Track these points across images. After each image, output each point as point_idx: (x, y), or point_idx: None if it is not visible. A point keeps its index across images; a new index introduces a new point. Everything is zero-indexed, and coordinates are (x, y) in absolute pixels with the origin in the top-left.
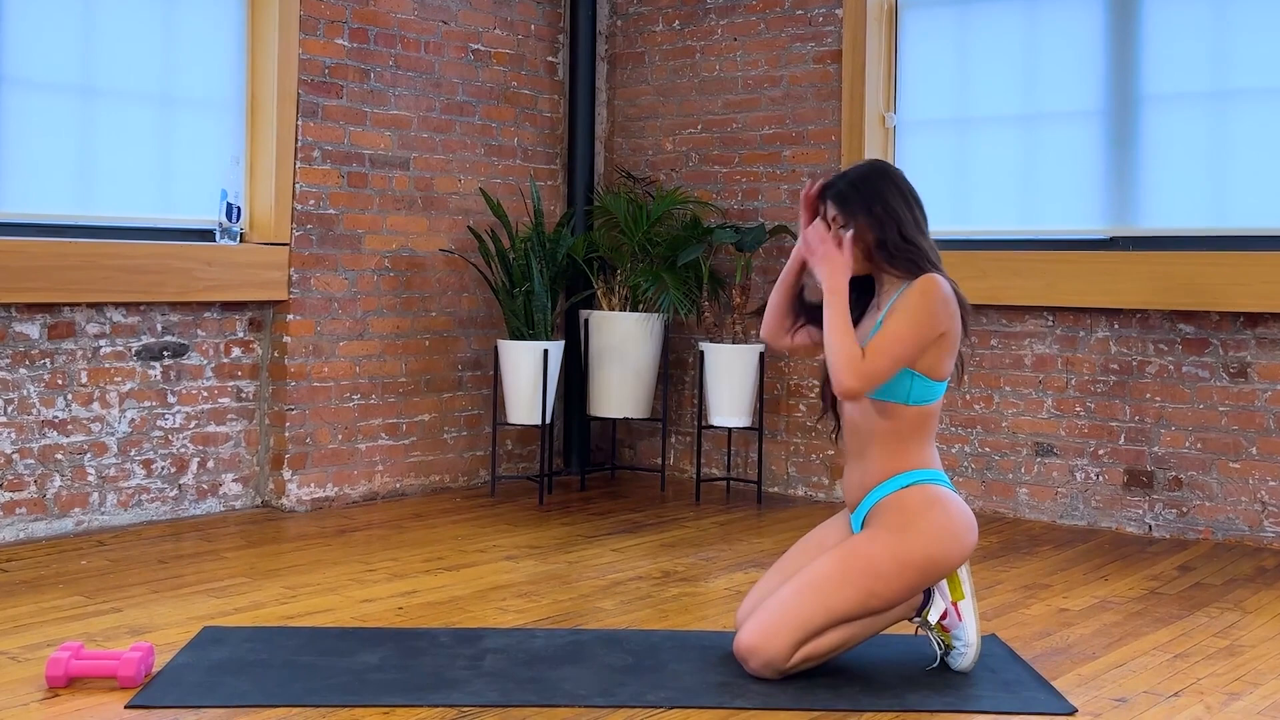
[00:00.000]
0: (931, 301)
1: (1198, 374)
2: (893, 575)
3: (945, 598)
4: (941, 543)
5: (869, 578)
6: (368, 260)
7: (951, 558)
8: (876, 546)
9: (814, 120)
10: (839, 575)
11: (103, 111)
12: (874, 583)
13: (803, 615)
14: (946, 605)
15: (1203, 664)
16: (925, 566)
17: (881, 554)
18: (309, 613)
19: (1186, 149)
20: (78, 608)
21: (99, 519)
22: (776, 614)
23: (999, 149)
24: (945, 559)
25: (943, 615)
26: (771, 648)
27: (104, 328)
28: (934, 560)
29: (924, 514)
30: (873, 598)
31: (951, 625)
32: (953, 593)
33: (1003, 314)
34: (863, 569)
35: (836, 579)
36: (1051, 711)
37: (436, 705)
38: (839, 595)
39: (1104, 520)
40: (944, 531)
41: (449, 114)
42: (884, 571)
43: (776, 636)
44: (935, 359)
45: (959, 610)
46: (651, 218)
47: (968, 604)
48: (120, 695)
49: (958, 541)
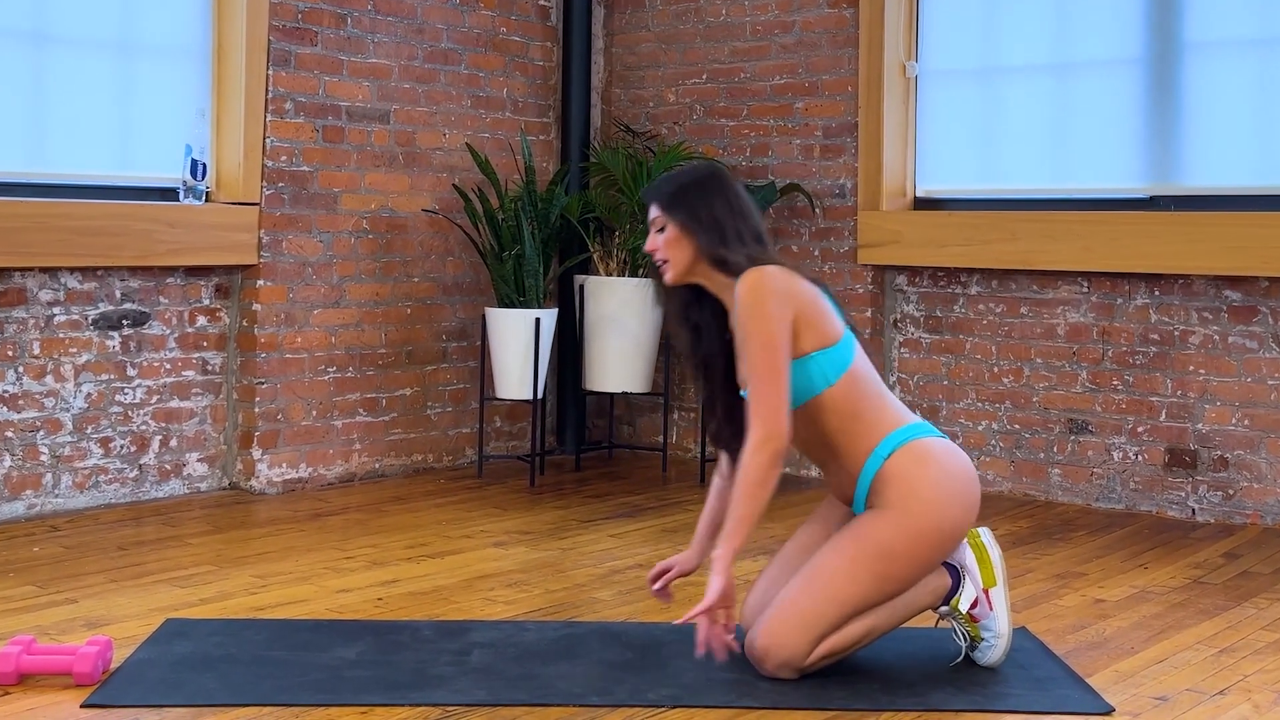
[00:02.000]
0: (759, 298)
1: (1245, 344)
2: (904, 552)
3: (977, 584)
4: (949, 504)
5: (880, 560)
6: (344, 221)
7: (962, 518)
8: (881, 525)
9: (828, 70)
10: (848, 563)
11: (56, 60)
12: (887, 565)
13: (816, 610)
14: (978, 592)
15: (1250, 659)
16: (937, 535)
17: (888, 532)
18: (280, 604)
19: (1232, 100)
20: (29, 598)
21: (53, 502)
22: (788, 611)
23: (1029, 101)
24: (956, 522)
25: (973, 604)
26: (786, 648)
27: (58, 294)
28: (945, 526)
29: (920, 477)
30: (887, 581)
31: (981, 615)
32: (985, 579)
33: (1033, 280)
34: (873, 553)
35: (846, 567)
36: (1086, 711)
37: (419, 704)
38: (851, 584)
39: (1143, 503)
40: (947, 490)
41: (432, 63)
42: (895, 551)
43: (790, 635)
44: (810, 336)
45: (990, 598)
46: (652, 175)
47: (999, 591)
48: (76, 693)
49: (964, 496)
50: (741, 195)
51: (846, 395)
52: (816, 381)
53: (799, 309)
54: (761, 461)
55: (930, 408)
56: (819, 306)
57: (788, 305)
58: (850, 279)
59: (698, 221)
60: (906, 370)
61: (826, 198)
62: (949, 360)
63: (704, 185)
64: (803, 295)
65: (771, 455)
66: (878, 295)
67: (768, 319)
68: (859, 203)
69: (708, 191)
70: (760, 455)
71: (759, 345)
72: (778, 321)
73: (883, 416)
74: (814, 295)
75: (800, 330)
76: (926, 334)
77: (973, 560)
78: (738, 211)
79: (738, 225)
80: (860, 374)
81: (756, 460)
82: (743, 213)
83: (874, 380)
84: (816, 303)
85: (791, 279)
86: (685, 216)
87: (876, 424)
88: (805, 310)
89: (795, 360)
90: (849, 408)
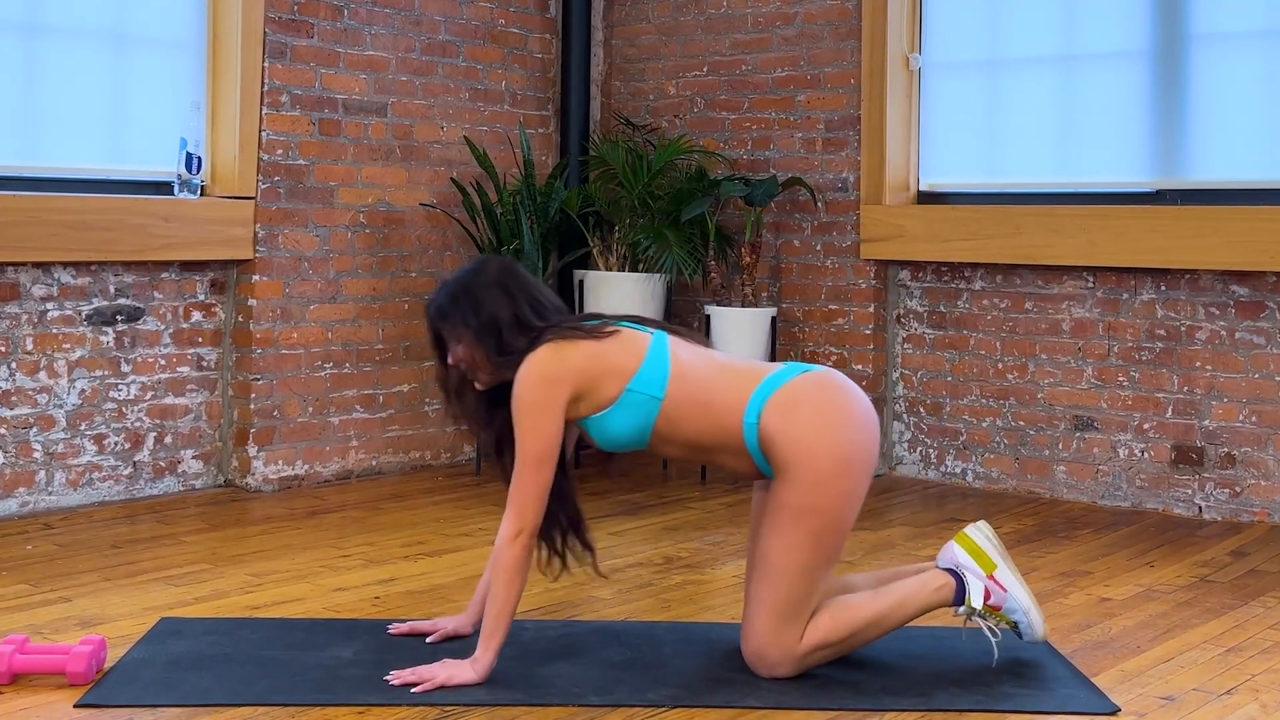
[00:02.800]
0: (522, 390)
1: (1252, 340)
2: (822, 499)
3: (979, 575)
4: (835, 435)
5: (805, 518)
6: (341, 215)
7: (856, 437)
8: (787, 489)
9: (831, 62)
10: (781, 537)
11: (49, 52)
12: (814, 519)
13: (777, 594)
14: (984, 583)
15: (1258, 659)
16: (842, 465)
17: (797, 490)
18: (276, 602)
19: (1240, 93)
20: (22, 597)
21: (46, 499)
22: (756, 607)
23: (1034, 94)
24: (853, 444)
25: (985, 595)
26: (772, 643)
27: (51, 289)
28: (843, 454)
29: (792, 427)
30: (824, 533)
31: (999, 601)
32: (983, 566)
33: (1038, 275)
34: (794, 516)
35: (781, 542)
36: (1092, 711)
37: (416, 704)
38: (794, 554)
39: (1149, 501)
40: (825, 423)
41: (430, 55)
42: (812, 503)
43: (768, 629)
44: (609, 384)
45: (998, 581)
46: (653, 169)
47: (1004, 571)
48: (69, 693)
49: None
50: (514, 275)
51: (686, 395)
52: (647, 408)
53: (576, 382)
54: (516, 553)
55: (934, 404)
56: (602, 359)
57: (560, 387)
58: (853, 274)
59: (476, 329)
60: (910, 366)
61: (829, 192)
62: (953, 356)
63: (471, 287)
64: (575, 365)
65: (525, 548)
66: (881, 290)
67: (532, 411)
68: (862, 197)
69: (475, 292)
70: (514, 547)
71: (522, 434)
72: (543, 413)
73: (734, 390)
74: (589, 354)
75: (592, 390)
76: (930, 329)
77: (965, 555)
78: (512, 297)
79: (515, 312)
80: (688, 368)
81: (512, 551)
82: (517, 296)
83: (707, 363)
84: (597, 358)
85: (560, 354)
86: (462, 327)
87: (732, 400)
88: (585, 376)
89: (612, 407)
90: (696, 403)
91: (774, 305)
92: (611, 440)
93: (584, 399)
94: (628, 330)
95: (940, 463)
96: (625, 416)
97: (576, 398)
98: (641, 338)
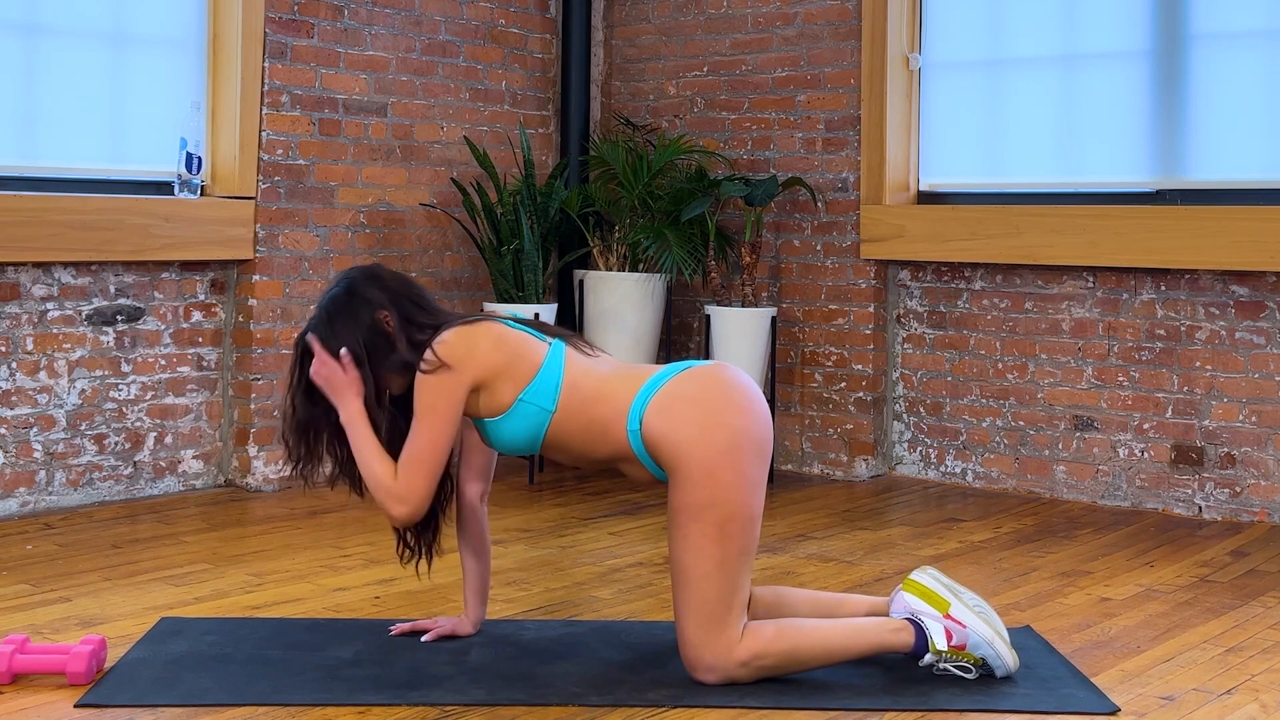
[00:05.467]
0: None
1: (1252, 340)
2: (716, 493)
3: (935, 617)
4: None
5: (704, 512)
6: (341, 215)
7: (737, 423)
8: (680, 490)
9: (831, 62)
10: (685, 538)
11: (49, 52)
12: (713, 512)
13: (696, 597)
14: (942, 623)
15: (1258, 659)
16: (730, 453)
17: (689, 489)
18: (276, 602)
19: (1240, 93)
20: (22, 597)
21: (46, 499)
22: (682, 616)
23: (1035, 93)
24: (736, 429)
25: (948, 636)
26: (702, 646)
27: (51, 289)
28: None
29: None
30: (727, 522)
31: (962, 639)
32: (936, 606)
33: (1038, 275)
34: (692, 516)
35: (688, 544)
36: (1092, 711)
37: (416, 704)
38: (701, 553)
39: (1149, 501)
40: (703, 417)
41: (430, 55)
42: (707, 498)
43: (697, 634)
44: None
45: (955, 618)
46: (653, 169)
47: (957, 606)
48: (69, 693)
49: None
50: (385, 284)
51: (576, 408)
52: (538, 419)
53: (477, 372)
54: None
55: (933, 404)
56: (502, 354)
57: (460, 380)
58: (853, 274)
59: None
60: (909, 366)
61: (829, 191)
62: (952, 356)
63: (348, 303)
64: (480, 356)
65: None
66: (880, 290)
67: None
68: (862, 197)
69: (354, 306)
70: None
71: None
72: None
73: (617, 398)
74: (492, 346)
75: (495, 381)
76: (930, 329)
77: (917, 600)
78: (391, 305)
79: (404, 313)
80: (579, 380)
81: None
82: (397, 301)
83: (594, 375)
84: (497, 351)
85: (469, 341)
86: (351, 343)
87: (615, 409)
88: (489, 369)
89: (505, 414)
90: (583, 416)
91: (774, 305)
92: (503, 445)
93: (484, 391)
94: (529, 336)
95: (940, 463)
96: (517, 425)
97: (478, 386)
98: (539, 347)
